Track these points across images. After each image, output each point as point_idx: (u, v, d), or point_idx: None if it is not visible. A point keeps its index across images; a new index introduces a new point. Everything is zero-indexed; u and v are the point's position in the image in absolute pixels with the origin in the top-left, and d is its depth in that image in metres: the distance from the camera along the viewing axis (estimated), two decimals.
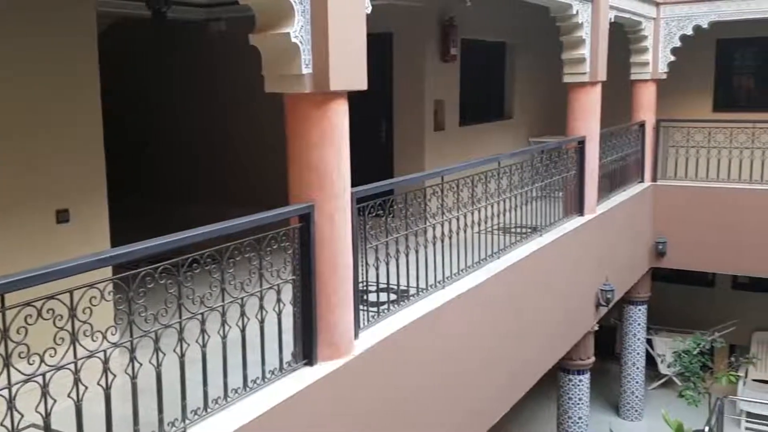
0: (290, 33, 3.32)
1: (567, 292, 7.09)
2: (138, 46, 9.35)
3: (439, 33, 8.17)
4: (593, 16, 7.16)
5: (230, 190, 8.91)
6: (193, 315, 3.03)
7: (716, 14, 9.22)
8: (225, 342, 3.22)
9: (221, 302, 3.18)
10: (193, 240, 2.96)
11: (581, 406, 7.99)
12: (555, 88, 8.14)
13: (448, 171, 4.87)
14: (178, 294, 2.95)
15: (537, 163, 6.43)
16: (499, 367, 5.61)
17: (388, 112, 8.24)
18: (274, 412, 3.23)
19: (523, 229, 6.25)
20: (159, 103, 9.60)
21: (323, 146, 3.53)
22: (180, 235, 2.92)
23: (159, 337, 2.88)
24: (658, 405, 9.89)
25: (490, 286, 5.27)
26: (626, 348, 10.09)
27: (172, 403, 2.95)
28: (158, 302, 2.91)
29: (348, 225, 3.71)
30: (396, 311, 4.37)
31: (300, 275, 3.54)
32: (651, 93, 9.69)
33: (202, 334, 3.09)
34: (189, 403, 3.03)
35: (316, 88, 3.45)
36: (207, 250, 3.06)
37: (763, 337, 11.07)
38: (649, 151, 9.74)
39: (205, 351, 3.10)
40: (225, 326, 3.20)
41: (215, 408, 3.14)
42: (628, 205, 8.78)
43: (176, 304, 2.96)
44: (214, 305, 3.14)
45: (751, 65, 11.22)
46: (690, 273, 11.05)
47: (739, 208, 9.24)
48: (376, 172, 4.93)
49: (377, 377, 4.02)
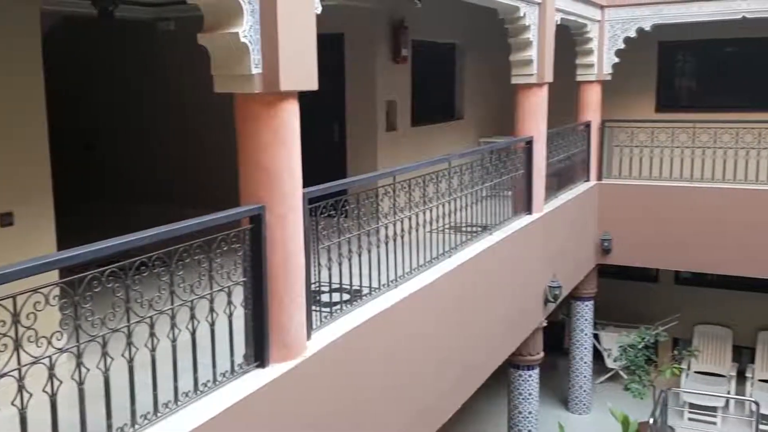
0: (239, 33, 3.31)
1: (516, 289, 7.23)
2: (85, 46, 9.13)
3: (390, 34, 8.21)
4: (540, 19, 7.31)
5: (182, 190, 8.79)
6: (142, 319, 2.99)
7: (658, 17, 9.51)
8: (175, 345, 3.18)
9: (170, 305, 3.15)
10: (142, 242, 2.92)
11: (531, 401, 8.15)
12: (504, 89, 8.28)
13: (400, 171, 4.91)
14: (126, 297, 2.91)
15: (487, 163, 6.54)
16: (450, 364, 5.68)
17: (340, 113, 8.25)
18: (226, 414, 3.21)
19: (473, 227, 6.35)
20: (107, 103, 9.40)
21: (274, 147, 3.52)
22: (128, 237, 2.87)
23: (107, 342, 2.83)
24: (605, 398, 10.17)
25: (442, 285, 5.33)
26: (574, 343, 10.33)
27: (121, 408, 2.91)
28: (106, 306, 2.86)
29: (300, 226, 3.72)
30: (349, 311, 4.39)
31: (251, 277, 3.52)
32: (596, 94, 9.95)
33: (151, 337, 3.05)
34: (139, 408, 2.99)
35: (267, 88, 3.44)
36: (155, 253, 3.02)
37: (704, 330, 11.46)
38: (594, 151, 10.00)
39: (154, 355, 3.06)
40: (175, 329, 3.17)
41: (165, 412, 3.11)
42: (574, 204, 8.99)
43: (124, 307, 2.91)
44: (163, 308, 3.10)
45: (691, 67, 11.60)
46: (634, 269, 11.40)
47: (681, 206, 9.55)
48: (330, 173, 4.94)
49: (330, 378, 4.03)
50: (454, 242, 5.83)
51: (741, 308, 11.27)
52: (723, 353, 11.23)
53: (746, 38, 10.54)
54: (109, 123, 9.43)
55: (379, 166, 7.81)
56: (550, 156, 8.12)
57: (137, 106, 9.26)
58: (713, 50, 11.16)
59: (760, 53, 10.78)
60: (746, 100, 10.82)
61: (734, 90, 11.01)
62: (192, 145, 8.97)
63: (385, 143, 8.21)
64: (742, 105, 10.71)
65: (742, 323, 11.23)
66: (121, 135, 9.40)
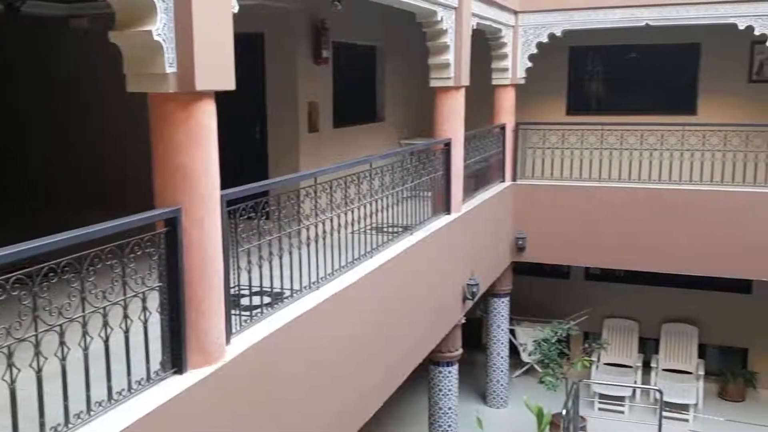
0: (152, 31, 3.22)
1: (436, 287, 7.35)
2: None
3: (310, 35, 8.18)
4: (457, 23, 7.46)
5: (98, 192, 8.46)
6: (51, 327, 2.87)
7: (569, 23, 9.87)
8: (87, 354, 3.07)
9: (82, 312, 3.03)
10: (50, 248, 2.80)
11: (451, 397, 8.30)
12: (424, 92, 8.41)
13: (321, 172, 4.90)
14: (33, 305, 2.78)
15: (407, 164, 6.62)
16: (372, 364, 5.72)
17: (261, 114, 8.14)
18: (142, 423, 3.12)
19: (394, 228, 6.41)
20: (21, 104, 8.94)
21: (190, 148, 3.45)
22: (34, 243, 2.74)
23: (12, 352, 2.70)
24: (522, 392, 10.48)
25: (363, 286, 5.36)
26: (491, 339, 10.60)
27: (29, 420, 2.78)
28: (11, 315, 2.73)
29: (218, 228, 3.65)
30: (270, 314, 4.35)
31: (167, 282, 3.44)
32: (511, 97, 10.24)
33: (61, 346, 2.93)
34: (48, 420, 2.86)
35: (181, 87, 3.36)
36: (65, 258, 2.90)
37: (612, 324, 11.97)
38: (509, 152, 10.28)
39: (64, 364, 2.94)
40: (86, 337, 3.05)
41: (77, 423, 2.99)
42: (491, 204, 9.22)
43: (31, 316, 2.78)
44: (74, 316, 2.99)
45: (600, 71, 12.06)
46: (547, 266, 11.81)
47: (591, 205, 9.94)
48: (251, 174, 4.87)
49: (250, 382, 3.98)
50: (375, 243, 5.87)
51: (646, 302, 11.83)
52: (630, 345, 11.77)
53: (650, 44, 11.12)
54: (23, 124, 8.97)
55: (302, 168, 7.77)
56: (468, 157, 8.30)
57: (51, 106, 8.86)
58: (620, 56, 11.69)
59: (662, 59, 11.39)
60: (650, 103, 11.42)
61: (639, 93, 11.59)
62: (109, 146, 8.66)
63: (308, 144, 8.17)
64: (646, 108, 11.29)
65: (647, 316, 11.78)
66: (37, 136, 8.97)
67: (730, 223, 9.27)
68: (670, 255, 9.63)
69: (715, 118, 10.41)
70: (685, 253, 9.52)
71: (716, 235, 9.31)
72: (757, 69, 10.76)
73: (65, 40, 8.53)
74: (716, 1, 9.00)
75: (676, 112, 10.85)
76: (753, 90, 10.74)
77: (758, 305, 11.33)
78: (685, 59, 11.16)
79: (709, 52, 10.88)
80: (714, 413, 10.48)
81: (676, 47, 11.09)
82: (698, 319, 11.56)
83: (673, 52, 11.23)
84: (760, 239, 9.14)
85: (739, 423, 10.23)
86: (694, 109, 11.10)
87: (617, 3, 9.48)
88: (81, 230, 2.97)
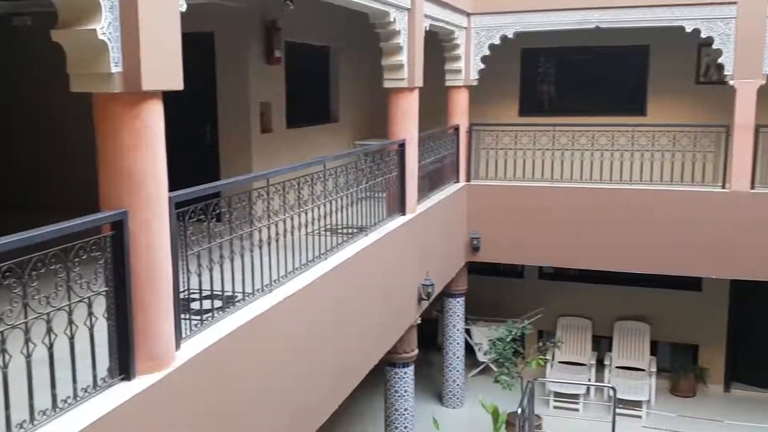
0: (97, 29, 3.14)
1: (391, 288, 7.35)
2: None
3: (262, 35, 8.10)
4: (410, 24, 7.49)
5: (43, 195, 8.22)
6: None
7: (521, 25, 10.00)
8: (30, 361, 2.97)
9: (24, 319, 2.93)
10: None
11: (407, 398, 8.32)
12: (378, 93, 8.40)
13: (274, 173, 4.85)
14: None
15: (362, 165, 6.61)
16: (327, 366, 5.69)
17: (212, 114, 8.03)
18: (89, 431, 3.03)
19: (350, 229, 6.39)
20: None
21: (136, 149, 3.37)
22: None
23: None
24: (477, 391, 10.55)
25: (318, 287, 5.33)
26: (447, 339, 10.65)
27: None
28: None
29: (166, 231, 3.59)
30: (221, 318, 4.28)
31: (113, 286, 3.35)
32: (464, 98, 10.32)
33: (2, 354, 2.83)
34: None
35: (127, 87, 3.29)
36: (5, 264, 2.80)
37: (565, 322, 12.15)
38: (463, 153, 10.36)
39: (6, 372, 2.84)
40: (29, 344, 2.96)
41: None
42: (445, 204, 9.28)
43: None
44: (16, 322, 2.89)
45: (551, 73, 12.22)
46: (502, 265, 11.93)
47: (543, 205, 10.06)
48: (202, 176, 4.79)
49: (202, 387, 3.92)
50: (330, 244, 5.84)
51: (599, 300, 12.04)
52: (584, 343, 11.97)
53: (600, 47, 11.31)
54: None
55: (254, 169, 7.68)
56: (422, 158, 8.34)
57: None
58: (571, 58, 11.88)
59: (613, 61, 11.61)
60: (600, 104, 11.59)
61: (590, 95, 11.75)
62: (54, 147, 8.42)
63: (260, 145, 8.09)
64: (597, 109, 11.46)
65: (600, 314, 11.98)
66: None
67: (680, 221, 9.49)
68: (622, 254, 9.80)
69: (664, 118, 10.67)
70: (637, 251, 9.71)
71: (667, 233, 9.52)
72: (704, 71, 11.04)
73: (7, 38, 8.27)
74: (664, 4, 9.22)
75: (627, 113, 11.05)
76: (700, 91, 11.01)
77: (708, 303, 11.61)
78: (634, 61, 11.41)
79: (658, 55, 11.14)
80: (666, 409, 10.71)
81: (625, 49, 11.32)
82: (650, 316, 11.79)
83: (623, 54, 11.46)
84: (709, 238, 9.36)
85: (691, 418, 10.45)
86: (643, 110, 11.33)
87: (568, 5, 9.64)
88: (23, 234, 2.87)
